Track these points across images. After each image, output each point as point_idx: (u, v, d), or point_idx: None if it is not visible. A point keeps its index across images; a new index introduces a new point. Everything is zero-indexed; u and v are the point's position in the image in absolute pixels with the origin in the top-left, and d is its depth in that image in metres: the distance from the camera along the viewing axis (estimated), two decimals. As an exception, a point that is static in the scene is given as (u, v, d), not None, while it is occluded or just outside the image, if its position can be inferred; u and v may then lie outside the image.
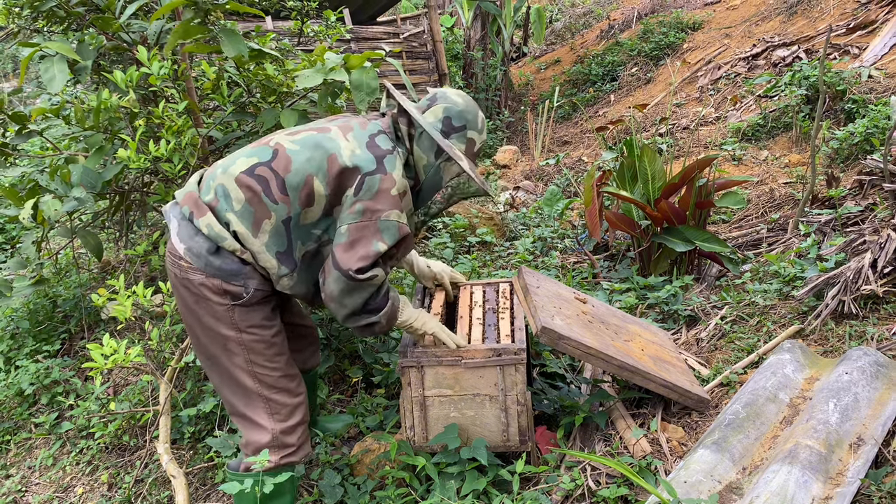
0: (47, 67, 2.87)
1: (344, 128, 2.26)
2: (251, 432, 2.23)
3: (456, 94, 2.38)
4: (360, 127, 2.28)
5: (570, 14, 14.50)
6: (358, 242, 2.14)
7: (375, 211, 2.15)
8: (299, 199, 2.15)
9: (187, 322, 2.24)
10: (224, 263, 2.13)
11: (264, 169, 2.16)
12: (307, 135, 2.23)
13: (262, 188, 2.14)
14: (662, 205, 3.81)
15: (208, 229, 2.13)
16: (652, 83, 9.48)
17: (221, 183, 2.17)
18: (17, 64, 13.92)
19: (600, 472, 2.43)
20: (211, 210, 2.16)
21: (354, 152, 2.18)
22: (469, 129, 2.36)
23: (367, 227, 2.14)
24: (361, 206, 2.14)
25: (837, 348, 2.80)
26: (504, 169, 8.10)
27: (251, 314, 2.18)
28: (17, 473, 3.14)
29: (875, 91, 5.89)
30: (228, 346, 2.18)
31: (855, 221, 3.85)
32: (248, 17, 8.15)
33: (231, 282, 2.13)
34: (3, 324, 3.88)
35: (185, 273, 2.14)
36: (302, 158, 2.16)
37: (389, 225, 2.16)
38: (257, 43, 3.33)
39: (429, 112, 2.35)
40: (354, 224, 2.14)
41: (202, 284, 2.13)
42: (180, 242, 2.15)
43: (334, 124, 2.30)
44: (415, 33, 9.06)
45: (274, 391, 2.22)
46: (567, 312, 2.70)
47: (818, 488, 1.97)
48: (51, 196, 2.91)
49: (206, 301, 2.14)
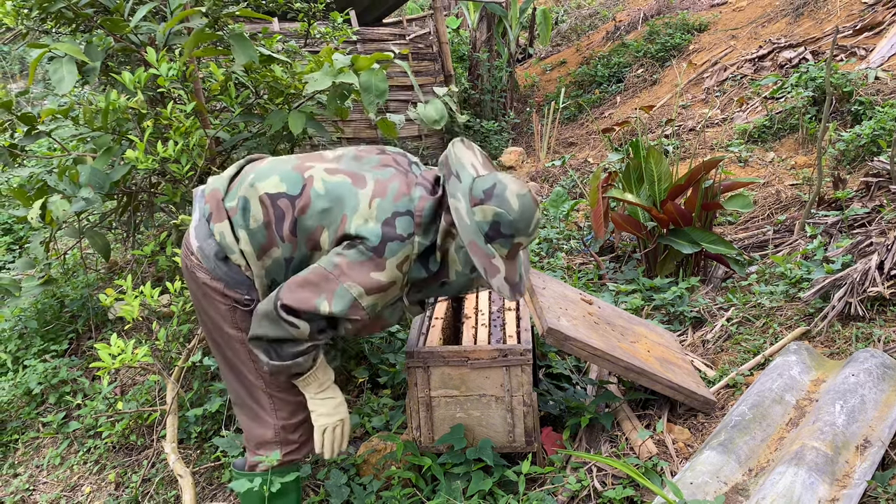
0: (56, 69, 2.89)
1: (379, 188, 2.05)
2: (254, 426, 2.24)
3: (515, 196, 2.04)
4: (394, 193, 2.05)
5: (576, 15, 14.50)
6: (308, 286, 2.00)
7: (344, 274, 1.99)
8: (306, 243, 2.08)
9: (197, 310, 2.26)
10: (230, 271, 2.12)
11: (286, 202, 2.07)
12: (340, 181, 2.07)
13: (276, 222, 2.07)
14: (668, 206, 3.81)
15: (220, 237, 2.11)
16: (658, 85, 9.47)
17: (245, 196, 2.11)
18: (24, 65, 13.98)
19: (606, 473, 2.43)
20: (228, 218, 2.12)
21: (367, 223, 2.00)
22: (518, 237, 2.06)
23: (327, 280, 1.99)
24: (338, 261, 2.00)
25: (844, 350, 2.79)
26: (510, 170, 8.11)
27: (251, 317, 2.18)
28: (25, 472, 3.16)
29: (882, 93, 5.87)
30: (233, 344, 2.19)
31: (862, 223, 3.84)
32: (255, 19, 8.16)
33: (235, 289, 2.13)
34: (11, 323, 3.90)
35: (193, 268, 2.16)
36: (319, 208, 2.05)
37: (345, 295, 1.98)
38: (265, 45, 3.35)
39: (479, 209, 2.03)
40: (320, 270, 2.01)
41: (206, 284, 2.14)
42: (195, 239, 2.16)
43: (376, 175, 2.09)
44: (421, 35, 9.07)
45: (278, 389, 2.23)
46: (573, 314, 2.70)
47: (824, 490, 1.97)
48: (59, 196, 2.93)
49: (211, 298, 2.16)
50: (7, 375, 3.60)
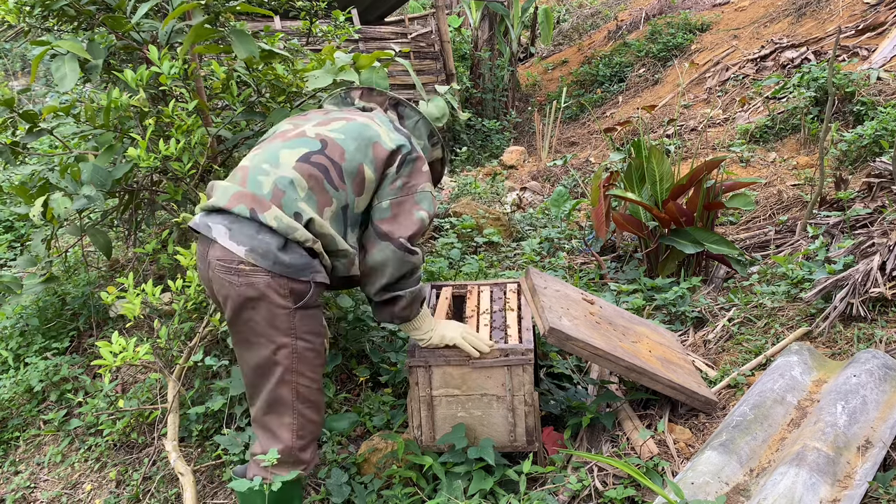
0: (58, 66, 2.89)
1: (367, 116, 2.39)
2: (268, 441, 2.21)
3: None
4: (369, 117, 2.40)
5: (578, 15, 14.49)
6: (401, 215, 2.27)
7: (412, 185, 2.29)
8: (353, 187, 2.22)
9: (237, 333, 2.17)
10: (293, 258, 2.08)
11: (321, 157, 2.20)
12: (342, 124, 2.31)
13: (323, 175, 2.18)
14: (670, 206, 3.80)
15: (277, 222, 2.07)
16: (660, 84, 9.46)
17: (281, 175, 2.14)
18: (26, 63, 13.99)
19: (607, 472, 2.43)
20: (275, 203, 2.11)
21: (391, 136, 2.31)
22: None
23: (406, 200, 2.28)
24: (401, 182, 2.28)
25: (845, 351, 2.79)
26: (511, 169, 8.10)
27: (311, 319, 2.16)
28: (25, 470, 3.16)
29: (884, 93, 5.87)
30: (277, 356, 2.14)
31: (864, 224, 3.84)
32: (257, 17, 8.17)
33: (299, 278, 2.09)
34: (12, 321, 3.90)
35: (246, 277, 2.06)
36: (352, 148, 2.23)
37: (426, 196, 2.31)
38: (266, 43, 3.35)
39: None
40: (395, 199, 2.27)
41: (268, 286, 2.06)
42: (239, 245, 2.07)
43: (346, 115, 2.39)
44: (422, 33, 9.07)
45: (307, 405, 2.21)
46: (575, 313, 2.70)
47: (826, 491, 1.97)
48: (61, 194, 2.93)
49: (267, 305, 2.08)
50: (8, 373, 3.60)
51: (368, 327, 3.42)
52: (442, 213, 5.36)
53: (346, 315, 3.38)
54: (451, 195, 6.13)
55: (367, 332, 3.41)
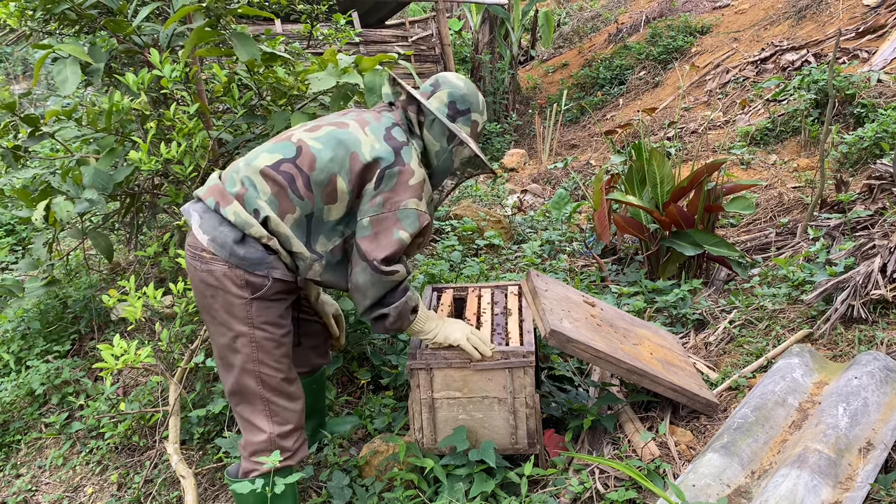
0: (60, 69, 2.89)
1: (361, 122, 2.31)
2: (249, 433, 2.26)
3: (457, 78, 2.45)
4: (375, 120, 2.33)
5: (578, 17, 14.51)
6: (381, 233, 2.20)
7: (395, 201, 2.21)
8: (322, 196, 2.21)
9: (203, 312, 2.27)
10: (248, 252, 2.15)
11: (290, 166, 2.20)
12: (328, 131, 2.27)
13: (287, 183, 2.19)
14: (671, 209, 3.81)
15: (235, 216, 2.16)
16: (660, 87, 9.47)
17: (247, 175, 2.22)
18: (27, 66, 14.01)
19: (608, 475, 2.43)
20: (237, 199, 2.19)
21: (374, 146, 2.23)
22: (473, 112, 2.44)
23: (387, 217, 2.20)
24: (381, 199, 2.21)
25: (847, 353, 2.79)
26: (512, 172, 8.11)
27: (268, 310, 2.21)
28: (27, 473, 3.16)
29: (885, 95, 5.87)
30: (237, 345, 2.20)
31: (864, 226, 3.84)
32: (258, 20, 8.19)
33: (254, 271, 2.16)
34: (14, 324, 3.90)
35: (206, 265, 2.16)
36: (326, 157, 2.21)
37: (409, 213, 2.22)
38: (267, 46, 3.35)
39: (434, 98, 2.41)
40: (375, 216, 2.21)
41: (224, 275, 2.15)
42: (203, 234, 2.18)
43: (350, 118, 2.33)
44: (423, 37, 9.09)
45: (275, 394, 2.24)
46: (575, 316, 2.70)
47: (827, 493, 1.97)
48: (63, 197, 2.93)
49: (224, 294, 2.16)
50: (10, 376, 3.60)
51: (369, 330, 3.42)
52: (443, 215, 5.36)
53: (346, 318, 3.38)
54: (452, 198, 6.13)
55: (368, 335, 3.41)
